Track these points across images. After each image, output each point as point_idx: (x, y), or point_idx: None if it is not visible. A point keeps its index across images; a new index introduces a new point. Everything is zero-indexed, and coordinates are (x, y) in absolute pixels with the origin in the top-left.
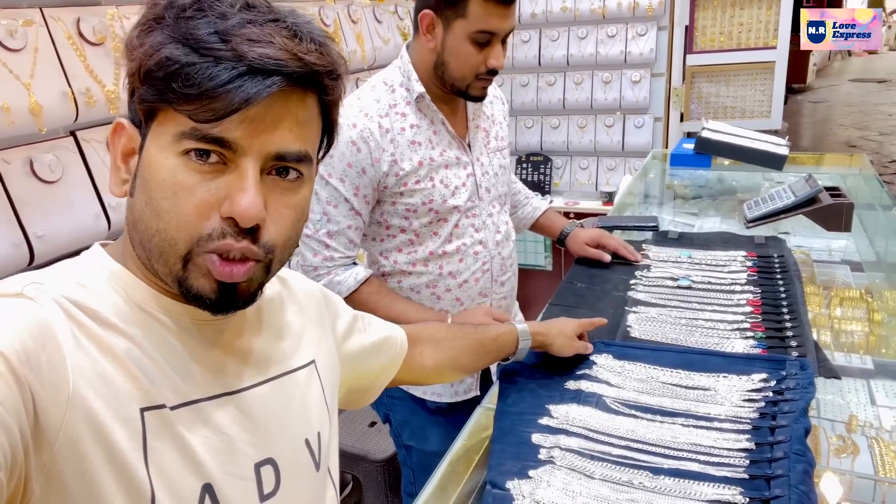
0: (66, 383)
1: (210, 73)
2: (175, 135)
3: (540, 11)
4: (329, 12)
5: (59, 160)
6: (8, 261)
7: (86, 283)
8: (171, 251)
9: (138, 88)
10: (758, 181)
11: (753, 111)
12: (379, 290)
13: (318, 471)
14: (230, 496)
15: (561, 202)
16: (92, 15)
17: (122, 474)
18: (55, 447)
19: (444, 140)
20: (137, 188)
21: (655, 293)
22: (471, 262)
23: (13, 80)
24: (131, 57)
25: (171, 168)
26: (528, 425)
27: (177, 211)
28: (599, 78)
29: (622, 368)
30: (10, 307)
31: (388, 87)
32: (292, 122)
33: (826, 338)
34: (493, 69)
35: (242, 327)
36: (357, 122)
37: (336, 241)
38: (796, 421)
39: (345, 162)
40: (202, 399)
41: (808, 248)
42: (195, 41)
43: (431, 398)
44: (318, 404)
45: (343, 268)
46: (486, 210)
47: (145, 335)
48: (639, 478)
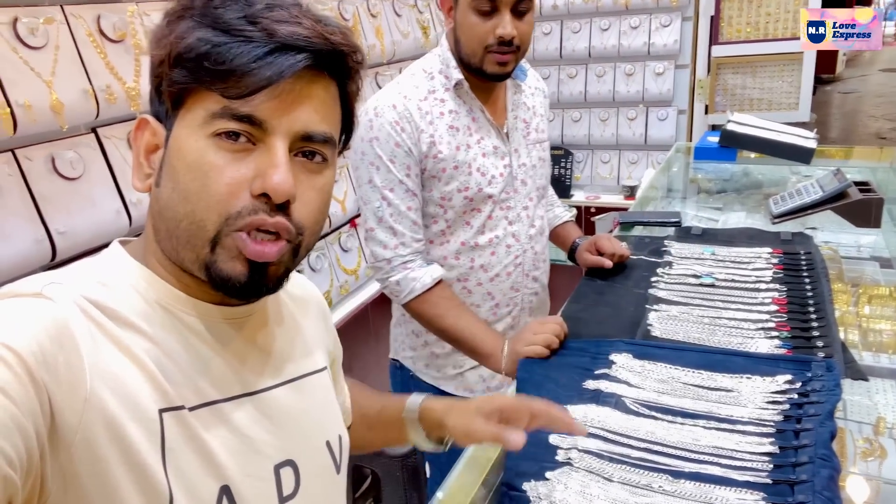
0: (84, 384)
1: (241, 49)
2: (205, 117)
3: (562, 3)
4: (348, 6)
5: (80, 157)
6: (30, 257)
7: (106, 282)
8: (199, 234)
9: (167, 74)
10: (785, 175)
11: (781, 103)
12: (452, 296)
13: (339, 473)
14: (248, 497)
15: (582, 196)
16: (112, 12)
17: (140, 475)
18: (72, 448)
19: (482, 128)
20: (164, 176)
21: (677, 291)
22: (503, 255)
23: (35, 77)
24: (160, 45)
25: (201, 150)
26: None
27: (206, 191)
28: (622, 70)
29: (642, 368)
30: (29, 307)
31: (427, 74)
32: (318, 102)
33: (854, 337)
34: (503, 40)
35: (263, 328)
36: (396, 103)
37: (402, 225)
38: (822, 424)
39: (392, 143)
40: (222, 400)
41: (837, 244)
42: (225, 24)
43: (464, 394)
44: (335, 408)
45: (419, 264)
46: (522, 203)
47: (165, 335)
48: (658, 481)
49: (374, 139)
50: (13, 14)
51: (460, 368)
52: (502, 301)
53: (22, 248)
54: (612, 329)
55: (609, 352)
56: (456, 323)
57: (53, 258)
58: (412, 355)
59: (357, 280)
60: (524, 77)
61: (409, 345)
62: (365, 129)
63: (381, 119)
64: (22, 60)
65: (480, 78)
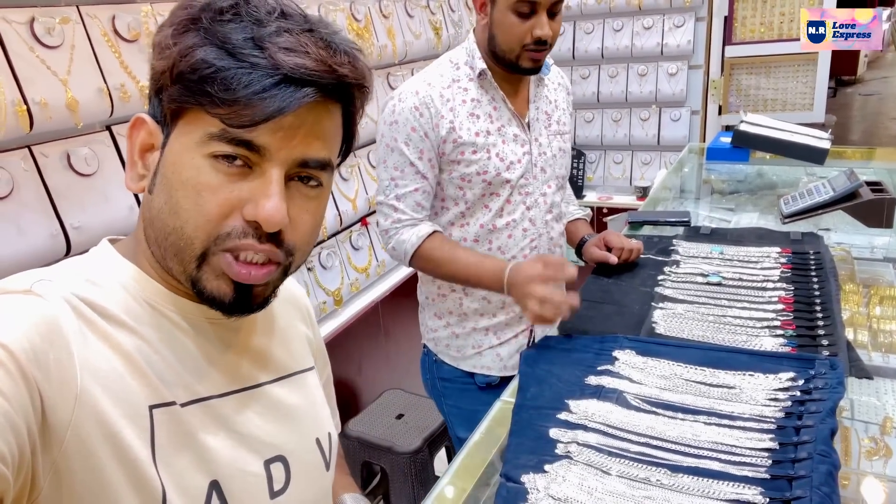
0: (74, 381)
1: (246, 79)
2: (203, 136)
3: (574, 3)
4: (360, 7)
5: (94, 154)
6: (45, 251)
7: (95, 280)
8: (186, 250)
9: (168, 87)
10: (799, 176)
11: (795, 104)
12: (441, 244)
13: (328, 470)
14: (237, 492)
15: (594, 197)
16: (127, 12)
17: (132, 472)
18: (63, 445)
19: (503, 116)
20: (157, 186)
21: (684, 289)
22: (519, 237)
23: (51, 76)
24: (161, 55)
25: (196, 168)
26: (546, 419)
27: (198, 210)
28: (635, 70)
29: (645, 365)
30: (19, 304)
31: (453, 64)
32: (320, 131)
33: (863, 337)
34: (540, 40)
35: (254, 326)
36: (419, 89)
37: (403, 204)
38: (822, 421)
39: (409, 127)
40: (213, 396)
41: (849, 244)
42: (231, 46)
43: (481, 372)
44: (325, 406)
45: (408, 227)
46: (540, 189)
47: (156, 333)
48: (657, 475)
49: (394, 122)
50: (30, 14)
51: (479, 348)
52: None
53: (37, 242)
54: (616, 326)
55: (612, 348)
56: (451, 268)
57: (68, 252)
58: (434, 336)
59: (368, 278)
60: (548, 72)
61: (430, 326)
62: (388, 113)
63: (402, 104)
64: (38, 59)
65: (510, 70)
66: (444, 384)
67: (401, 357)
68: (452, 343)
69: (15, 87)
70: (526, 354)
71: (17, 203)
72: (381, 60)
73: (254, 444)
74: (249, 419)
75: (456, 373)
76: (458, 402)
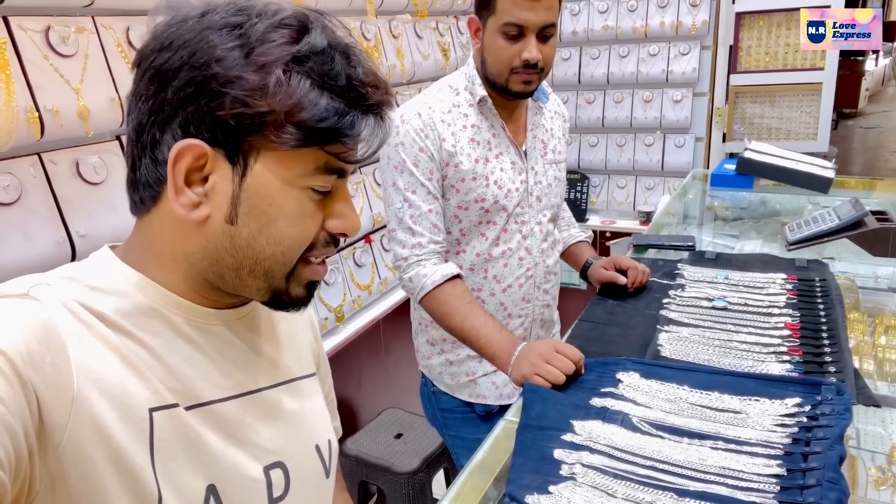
0: (71, 385)
1: (360, 125)
2: (308, 170)
3: (581, 29)
4: (370, 27)
5: (104, 163)
6: (50, 258)
7: (94, 284)
8: (281, 270)
9: (274, 129)
10: (802, 205)
11: (799, 133)
12: (463, 294)
13: (328, 478)
14: (234, 497)
15: (597, 221)
16: (141, 24)
17: (128, 476)
18: (60, 449)
19: (502, 143)
20: (244, 217)
21: (689, 313)
22: (515, 267)
23: (63, 84)
24: (265, 95)
25: (297, 200)
26: (550, 440)
27: (301, 235)
28: (640, 96)
29: (649, 388)
30: (16, 308)
31: (452, 89)
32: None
33: (869, 366)
34: (528, 63)
35: (256, 332)
36: (422, 111)
37: (420, 226)
38: (831, 448)
39: (416, 147)
40: (214, 401)
41: (854, 274)
42: (340, 89)
43: (477, 401)
44: (325, 413)
45: (433, 262)
46: (535, 218)
47: (157, 337)
48: (663, 499)
49: (400, 144)
50: (46, 23)
51: (472, 376)
52: (514, 312)
53: (43, 249)
54: (621, 348)
55: (616, 370)
56: (464, 322)
57: (73, 260)
58: (428, 364)
59: (370, 295)
60: (546, 100)
61: (424, 353)
62: (392, 135)
63: (406, 126)
64: (52, 67)
65: (504, 96)
66: (444, 415)
67: (401, 375)
68: (446, 370)
69: (28, 94)
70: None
71: (25, 209)
72: (390, 80)
73: (254, 449)
74: (249, 424)
75: (455, 402)
76: (460, 432)
